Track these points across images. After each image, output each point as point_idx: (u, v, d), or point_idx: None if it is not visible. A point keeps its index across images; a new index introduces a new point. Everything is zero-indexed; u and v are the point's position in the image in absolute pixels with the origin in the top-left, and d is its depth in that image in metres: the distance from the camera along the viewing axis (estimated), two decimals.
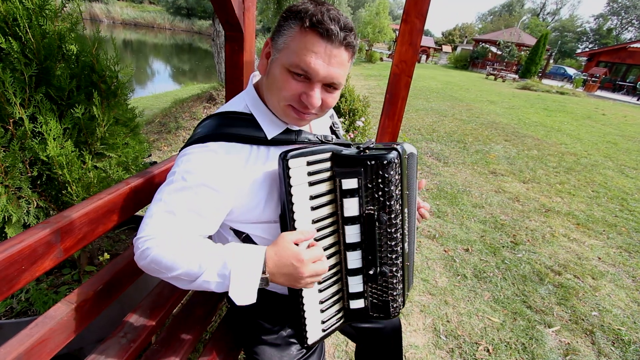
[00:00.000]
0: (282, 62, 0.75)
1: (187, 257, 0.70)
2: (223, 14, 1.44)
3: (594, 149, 6.68)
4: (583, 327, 2.18)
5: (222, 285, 0.71)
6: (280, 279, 0.75)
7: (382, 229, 0.83)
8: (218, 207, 0.78)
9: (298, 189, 0.77)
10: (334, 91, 0.81)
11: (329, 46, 0.72)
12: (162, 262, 0.69)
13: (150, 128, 5.36)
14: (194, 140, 0.81)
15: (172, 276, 0.71)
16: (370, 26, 28.54)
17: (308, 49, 0.72)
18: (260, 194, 0.83)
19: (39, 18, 1.18)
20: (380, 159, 0.78)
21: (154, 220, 0.72)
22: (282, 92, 0.77)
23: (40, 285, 1.47)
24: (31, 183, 1.26)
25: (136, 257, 0.72)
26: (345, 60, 0.76)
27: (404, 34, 1.39)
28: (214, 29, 6.16)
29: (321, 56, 0.72)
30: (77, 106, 1.27)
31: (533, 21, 54.07)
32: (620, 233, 3.53)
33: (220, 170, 0.77)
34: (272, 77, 0.79)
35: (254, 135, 0.83)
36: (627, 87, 21.39)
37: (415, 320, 2.10)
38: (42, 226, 0.74)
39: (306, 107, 0.79)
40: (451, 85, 14.35)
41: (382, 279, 0.89)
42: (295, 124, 0.86)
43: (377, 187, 0.80)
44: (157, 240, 0.70)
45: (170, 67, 20.19)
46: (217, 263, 0.71)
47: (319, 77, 0.74)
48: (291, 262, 0.74)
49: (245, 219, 0.86)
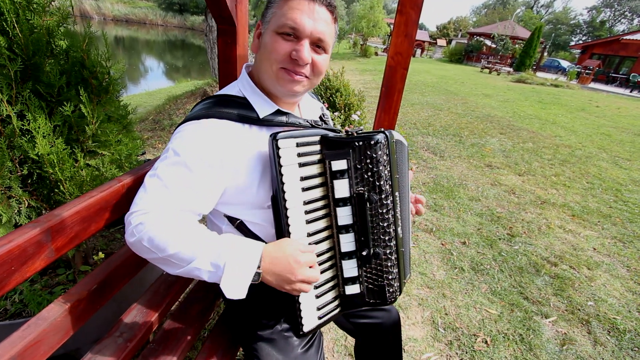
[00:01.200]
0: (272, 28, 0.81)
1: (182, 238, 0.68)
2: (215, 7, 1.41)
3: (588, 140, 6.73)
4: (579, 317, 2.21)
5: (214, 275, 0.70)
6: (271, 277, 0.75)
7: (374, 209, 0.85)
8: (211, 182, 0.78)
9: (288, 169, 0.79)
10: (322, 52, 0.85)
11: (312, 4, 0.79)
12: (154, 240, 0.67)
13: (143, 125, 5.30)
14: (187, 119, 0.83)
15: (163, 257, 0.68)
16: (364, 20, 28.32)
17: (293, 7, 0.78)
18: (254, 174, 0.84)
19: (26, 12, 1.15)
20: (367, 139, 0.81)
21: (148, 195, 0.71)
22: (274, 55, 0.81)
23: (34, 286, 1.44)
24: (21, 182, 1.24)
25: (127, 235, 0.70)
26: (328, 19, 0.82)
27: (400, 25, 1.37)
28: (207, 24, 6.08)
29: (306, 12, 0.78)
30: (65, 103, 1.24)
31: (527, 14, 54.09)
32: (614, 224, 3.56)
33: (213, 145, 0.78)
34: (264, 47, 0.84)
35: (246, 114, 0.86)
36: (620, 79, 21.52)
37: (414, 313, 2.11)
38: (32, 225, 0.72)
39: (298, 65, 0.82)
40: (446, 79, 14.34)
41: (376, 261, 0.90)
42: (288, 89, 0.86)
43: (366, 168, 0.82)
44: (152, 215, 0.69)
45: (163, 63, 19.95)
46: (212, 251, 0.69)
47: (306, 31, 0.79)
48: (289, 261, 0.74)
49: (239, 200, 0.86)
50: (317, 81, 0.90)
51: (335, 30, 0.87)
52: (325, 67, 0.88)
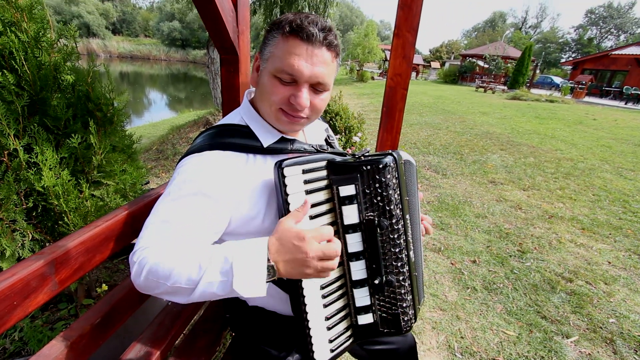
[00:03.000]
0: (269, 69, 0.79)
1: (186, 260, 0.65)
2: (218, 38, 1.47)
3: (589, 153, 6.73)
4: (602, 336, 2.10)
5: (226, 284, 0.64)
6: (285, 266, 0.67)
7: (384, 235, 0.82)
8: (215, 215, 0.76)
9: (295, 197, 0.76)
10: (322, 92, 0.83)
11: (310, 47, 0.75)
12: (159, 271, 0.64)
13: (147, 155, 5.37)
14: (190, 151, 0.82)
15: (172, 286, 0.64)
16: (359, 47, 29.41)
17: (290, 52, 0.75)
18: (260, 203, 0.82)
19: (34, 50, 1.19)
20: (376, 163, 0.78)
21: (149, 231, 0.70)
22: (272, 97, 0.80)
23: (35, 322, 1.40)
24: (26, 215, 1.23)
25: (133, 276, 0.67)
26: (328, 59, 0.79)
27: (397, 47, 1.41)
28: (209, 57, 6.31)
29: (304, 57, 0.75)
30: (73, 135, 1.26)
31: (516, 34, 56.04)
32: (626, 235, 3.48)
33: (217, 177, 0.76)
34: (262, 86, 0.82)
35: (250, 144, 0.84)
36: (613, 92, 21.86)
37: (428, 338, 2.02)
38: (36, 257, 0.71)
39: (296, 110, 0.80)
40: (443, 99, 14.62)
41: (389, 289, 0.86)
42: (288, 128, 0.86)
43: (375, 192, 0.79)
44: (153, 248, 0.67)
45: (167, 96, 20.57)
46: (218, 260, 0.65)
47: (304, 77, 0.76)
48: (292, 242, 0.66)
49: (246, 230, 0.83)
50: (317, 117, 0.88)
51: (337, 65, 0.85)
52: (325, 104, 0.86)
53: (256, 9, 8.53)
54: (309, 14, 0.78)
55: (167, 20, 42.68)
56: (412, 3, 1.36)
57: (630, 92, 19.51)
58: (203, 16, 1.37)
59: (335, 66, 0.84)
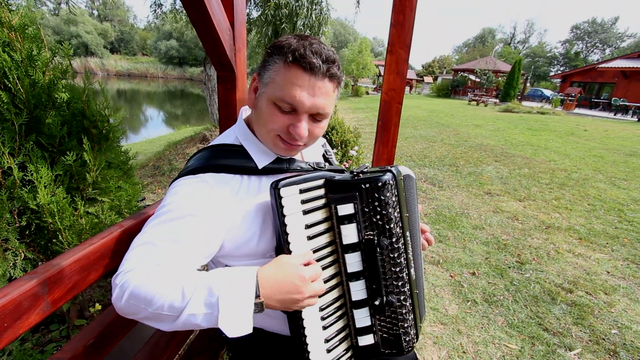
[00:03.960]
0: (269, 95, 0.77)
1: (169, 284, 0.62)
2: (215, 55, 1.49)
3: (582, 163, 6.82)
4: (605, 348, 2.07)
5: (210, 318, 0.61)
6: (276, 303, 0.68)
7: (384, 254, 0.80)
8: (205, 238, 0.73)
9: (292, 218, 0.74)
10: (321, 121, 0.82)
11: (312, 79, 0.73)
12: (140, 294, 0.61)
13: (144, 172, 5.35)
14: (183, 173, 0.80)
15: (153, 312, 0.61)
16: (354, 63, 30.07)
17: (292, 82, 0.73)
18: (254, 226, 0.80)
19: (28, 69, 1.21)
20: (374, 181, 0.76)
21: (134, 254, 0.67)
22: (270, 125, 0.79)
23: (24, 344, 1.35)
24: (19, 233, 1.21)
25: (114, 299, 0.64)
26: (329, 90, 0.78)
27: (391, 63, 1.45)
28: (205, 74, 6.40)
29: (305, 89, 0.74)
30: (68, 153, 1.26)
31: (505, 49, 57.64)
32: (623, 245, 3.49)
33: (209, 200, 0.74)
34: (260, 111, 0.80)
35: (245, 166, 0.83)
36: (602, 104, 22.38)
37: (430, 353, 1.98)
38: (29, 277, 0.69)
39: (294, 139, 0.79)
40: (436, 113, 14.86)
41: (389, 309, 0.84)
42: (285, 154, 0.86)
43: (374, 211, 0.77)
44: (135, 271, 0.64)
45: (164, 112, 20.69)
46: (202, 290, 0.62)
47: (304, 108, 0.75)
48: (292, 280, 0.68)
49: (240, 253, 0.82)
50: (314, 143, 0.88)
51: (338, 94, 0.84)
52: (323, 131, 0.85)
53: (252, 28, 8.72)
54: (313, 40, 0.76)
55: (165, 39, 43.42)
56: (405, 21, 1.40)
57: (618, 103, 19.99)
58: (200, 34, 1.40)
59: (336, 95, 0.83)
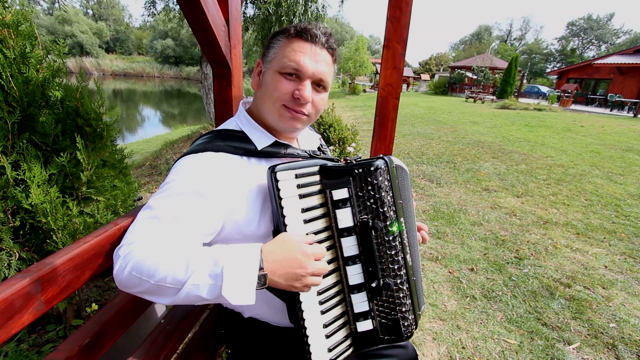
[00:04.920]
0: (274, 68, 0.85)
1: (172, 257, 0.63)
2: (211, 52, 1.48)
3: (579, 159, 6.85)
4: (604, 342, 2.08)
5: (214, 289, 0.62)
6: (279, 278, 0.68)
7: (380, 237, 0.82)
8: (208, 215, 0.75)
9: (289, 201, 0.77)
10: (322, 92, 0.89)
11: (313, 47, 0.83)
12: (143, 267, 0.62)
13: (140, 171, 5.32)
14: (186, 153, 0.84)
15: (156, 284, 0.62)
16: (351, 61, 30.00)
17: (296, 50, 0.82)
18: (255, 207, 0.83)
19: (21, 67, 1.19)
20: (367, 166, 0.80)
21: (138, 227, 0.69)
22: (276, 93, 0.84)
23: (20, 345, 1.34)
24: (13, 233, 1.20)
25: (116, 271, 0.65)
26: (329, 61, 0.87)
27: (387, 58, 1.44)
28: (202, 73, 6.37)
29: (308, 54, 0.82)
30: (62, 154, 1.24)
31: (502, 47, 57.78)
32: (621, 239, 3.51)
33: (212, 177, 0.77)
34: (266, 85, 0.87)
35: (245, 147, 0.87)
36: (598, 100, 22.46)
37: (429, 349, 1.98)
38: (21, 276, 0.68)
39: (300, 104, 0.85)
40: (434, 110, 14.87)
41: (387, 292, 0.85)
42: (289, 125, 0.89)
43: (368, 195, 0.81)
44: (139, 243, 0.65)
45: (160, 112, 20.59)
46: (207, 262, 0.64)
47: (308, 72, 0.82)
48: (295, 256, 0.69)
49: (240, 235, 0.83)
50: (316, 117, 0.93)
51: (335, 70, 0.92)
52: (324, 105, 0.92)
53: (248, 26, 8.68)
54: (310, 22, 0.86)
55: (161, 39, 43.17)
56: (401, 15, 1.39)
57: (614, 99, 20.07)
58: (195, 31, 1.38)
59: (334, 70, 0.91)
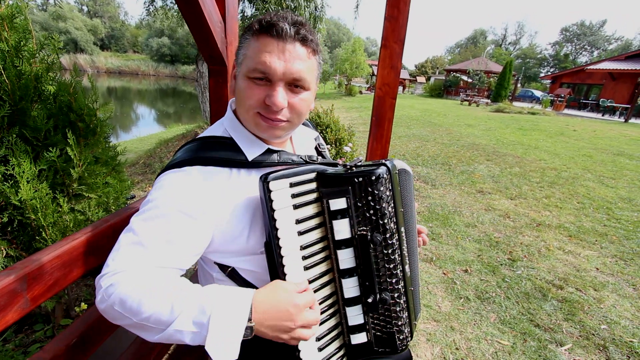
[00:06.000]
0: (243, 72, 0.75)
1: (157, 296, 0.59)
2: (206, 49, 1.46)
3: (571, 162, 6.93)
4: (595, 343, 2.10)
5: (198, 337, 0.59)
6: (266, 329, 0.65)
7: (378, 250, 0.77)
8: (195, 236, 0.70)
9: (282, 213, 0.71)
10: (301, 91, 0.77)
11: (281, 43, 0.71)
12: (127, 302, 0.58)
13: (134, 169, 5.27)
14: (169, 166, 0.76)
15: (138, 322, 0.59)
16: (347, 63, 30.07)
17: (262, 50, 0.71)
18: (244, 221, 0.77)
19: (14, 59, 1.16)
20: (368, 175, 0.74)
21: (121, 254, 0.63)
22: (247, 101, 0.75)
23: (6, 345, 1.31)
24: (0, 230, 1.17)
25: (98, 302, 0.61)
26: (303, 54, 0.73)
27: (385, 58, 1.44)
28: (198, 71, 6.33)
29: (276, 54, 0.71)
30: (51, 149, 1.21)
31: (497, 51, 58.33)
32: (612, 242, 3.55)
33: (197, 195, 0.71)
34: (238, 91, 0.78)
35: (234, 158, 0.79)
36: (591, 105, 22.79)
37: (423, 350, 1.97)
38: (7, 273, 0.66)
39: (273, 111, 0.74)
40: (429, 112, 14.95)
41: (383, 307, 0.81)
42: (269, 134, 0.80)
43: (367, 206, 0.75)
44: (124, 275, 0.60)
45: (155, 110, 20.42)
46: (193, 307, 0.59)
47: (277, 75, 0.71)
48: (286, 307, 0.65)
49: (229, 249, 0.78)
50: (300, 121, 0.82)
51: (317, 63, 0.79)
52: (307, 106, 0.80)
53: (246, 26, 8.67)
54: (280, 11, 0.74)
55: (156, 37, 42.87)
56: (399, 15, 1.39)
57: (606, 104, 20.39)
58: (191, 27, 1.37)
59: (315, 63, 0.78)
